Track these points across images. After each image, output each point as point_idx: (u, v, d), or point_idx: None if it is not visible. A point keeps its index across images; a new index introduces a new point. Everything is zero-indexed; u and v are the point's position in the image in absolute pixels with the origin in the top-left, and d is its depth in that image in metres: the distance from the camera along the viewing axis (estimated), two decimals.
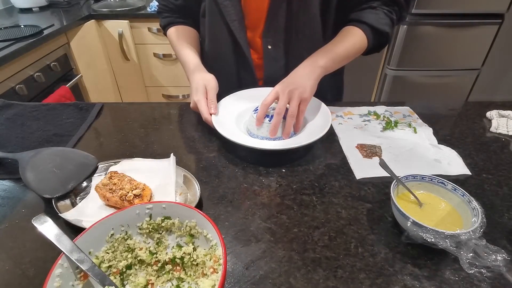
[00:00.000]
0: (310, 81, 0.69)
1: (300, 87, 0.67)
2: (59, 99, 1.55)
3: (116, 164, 0.63)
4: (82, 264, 0.39)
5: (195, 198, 0.55)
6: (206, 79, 0.76)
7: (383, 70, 2.21)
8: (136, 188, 0.55)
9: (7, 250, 0.49)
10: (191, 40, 0.90)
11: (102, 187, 0.55)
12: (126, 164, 0.63)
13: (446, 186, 0.52)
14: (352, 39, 0.76)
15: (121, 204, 0.53)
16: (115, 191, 0.54)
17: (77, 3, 2.21)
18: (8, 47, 1.38)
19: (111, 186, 0.55)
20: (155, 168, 0.63)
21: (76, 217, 0.51)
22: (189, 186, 0.58)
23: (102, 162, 0.64)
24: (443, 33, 1.99)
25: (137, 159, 0.65)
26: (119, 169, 0.60)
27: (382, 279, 0.44)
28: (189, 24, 0.93)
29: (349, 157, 0.69)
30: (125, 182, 0.56)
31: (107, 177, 0.57)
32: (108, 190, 0.54)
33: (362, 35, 0.76)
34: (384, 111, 0.86)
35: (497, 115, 0.82)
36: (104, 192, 0.54)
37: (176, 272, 0.44)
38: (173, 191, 0.57)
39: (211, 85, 0.75)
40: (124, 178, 0.57)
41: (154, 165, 0.64)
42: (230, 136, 0.66)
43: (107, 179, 0.56)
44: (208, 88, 0.74)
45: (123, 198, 0.53)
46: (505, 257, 0.43)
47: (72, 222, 0.49)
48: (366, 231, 0.52)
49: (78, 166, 0.61)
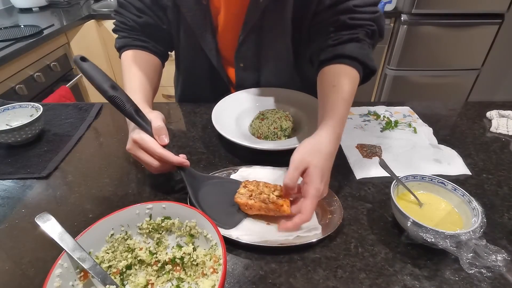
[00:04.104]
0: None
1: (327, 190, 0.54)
2: (59, 99, 1.55)
3: (236, 172, 0.62)
4: (83, 262, 0.39)
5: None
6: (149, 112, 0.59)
7: (383, 70, 2.21)
8: (275, 190, 0.53)
9: (7, 250, 0.49)
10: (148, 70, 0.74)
11: (241, 196, 0.53)
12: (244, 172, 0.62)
13: (446, 186, 0.52)
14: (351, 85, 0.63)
15: (265, 208, 0.51)
16: (256, 196, 0.52)
17: (77, 3, 2.21)
18: (8, 47, 1.38)
19: (250, 193, 0.53)
20: (279, 177, 0.60)
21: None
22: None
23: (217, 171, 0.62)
24: (443, 33, 1.99)
25: (255, 167, 0.63)
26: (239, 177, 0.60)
27: (382, 279, 0.44)
28: (150, 48, 0.78)
29: (349, 157, 0.69)
30: (261, 186, 0.54)
31: (241, 186, 0.55)
32: (248, 198, 0.52)
33: (356, 74, 0.65)
34: (384, 111, 0.86)
35: (497, 115, 0.82)
36: (245, 201, 0.52)
37: (176, 272, 0.44)
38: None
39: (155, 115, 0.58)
40: (259, 183, 0.55)
41: (272, 173, 0.61)
42: (230, 136, 0.66)
43: (243, 188, 0.55)
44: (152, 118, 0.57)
45: (266, 201, 0.51)
46: (505, 257, 0.43)
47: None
48: (366, 231, 0.52)
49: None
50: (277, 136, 0.71)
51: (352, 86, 0.63)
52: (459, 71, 2.15)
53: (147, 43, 0.77)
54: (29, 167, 0.66)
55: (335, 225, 0.50)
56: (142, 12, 0.75)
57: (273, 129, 0.71)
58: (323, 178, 0.51)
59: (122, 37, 0.77)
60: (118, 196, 0.59)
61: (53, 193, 0.60)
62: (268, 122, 0.72)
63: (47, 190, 0.61)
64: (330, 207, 0.54)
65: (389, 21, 2.04)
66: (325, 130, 0.56)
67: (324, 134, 0.56)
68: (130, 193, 0.60)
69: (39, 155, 0.69)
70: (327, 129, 0.56)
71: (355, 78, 0.64)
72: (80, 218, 0.54)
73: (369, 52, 0.67)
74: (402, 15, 1.96)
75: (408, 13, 1.95)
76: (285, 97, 0.83)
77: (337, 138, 0.56)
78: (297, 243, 0.48)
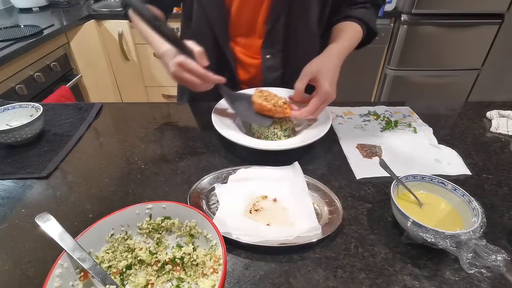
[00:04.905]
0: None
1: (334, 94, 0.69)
2: (59, 99, 1.55)
3: (235, 172, 0.62)
4: (84, 262, 0.39)
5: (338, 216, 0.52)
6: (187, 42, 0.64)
7: (383, 70, 2.21)
8: (282, 99, 0.71)
9: (7, 250, 0.49)
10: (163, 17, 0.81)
11: (258, 97, 0.70)
12: (243, 172, 0.62)
13: (446, 186, 0.52)
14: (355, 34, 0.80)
15: (274, 111, 0.68)
16: (269, 100, 0.69)
17: (77, 3, 2.20)
18: (8, 47, 1.38)
19: (264, 97, 0.70)
20: (279, 177, 0.60)
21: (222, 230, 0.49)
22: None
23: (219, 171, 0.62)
24: (443, 33, 1.99)
25: (254, 167, 0.63)
26: (235, 178, 0.60)
27: (382, 279, 0.44)
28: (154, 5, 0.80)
29: (349, 157, 0.69)
30: (272, 95, 0.72)
31: (256, 93, 0.72)
32: (264, 99, 0.70)
33: (361, 31, 0.81)
34: (384, 111, 0.86)
35: (497, 115, 0.82)
36: (260, 101, 0.69)
37: (176, 272, 0.44)
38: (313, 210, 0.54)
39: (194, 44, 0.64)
40: (270, 92, 0.73)
41: (277, 173, 0.61)
42: (230, 136, 0.66)
43: (258, 92, 0.73)
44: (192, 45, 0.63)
45: (276, 105, 0.69)
46: (505, 257, 0.43)
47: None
48: (366, 231, 0.52)
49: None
50: (277, 136, 0.71)
51: (356, 31, 0.80)
52: (459, 71, 2.15)
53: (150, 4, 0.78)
54: (29, 167, 0.66)
55: (335, 225, 0.50)
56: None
57: (273, 129, 0.71)
58: (331, 83, 0.68)
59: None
60: (118, 196, 0.59)
61: (53, 193, 0.60)
62: None
63: (47, 190, 0.61)
64: (330, 207, 0.54)
65: (389, 21, 2.04)
66: (330, 49, 0.74)
67: (329, 52, 0.74)
68: (130, 193, 0.60)
69: (39, 155, 0.69)
70: (332, 48, 0.74)
71: (359, 31, 0.81)
72: (80, 218, 0.54)
73: (373, 17, 0.83)
74: (402, 15, 1.96)
75: (408, 13, 1.95)
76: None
77: (340, 55, 0.74)
78: (297, 243, 0.48)
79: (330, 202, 0.55)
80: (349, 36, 0.78)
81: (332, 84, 0.68)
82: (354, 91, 2.28)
